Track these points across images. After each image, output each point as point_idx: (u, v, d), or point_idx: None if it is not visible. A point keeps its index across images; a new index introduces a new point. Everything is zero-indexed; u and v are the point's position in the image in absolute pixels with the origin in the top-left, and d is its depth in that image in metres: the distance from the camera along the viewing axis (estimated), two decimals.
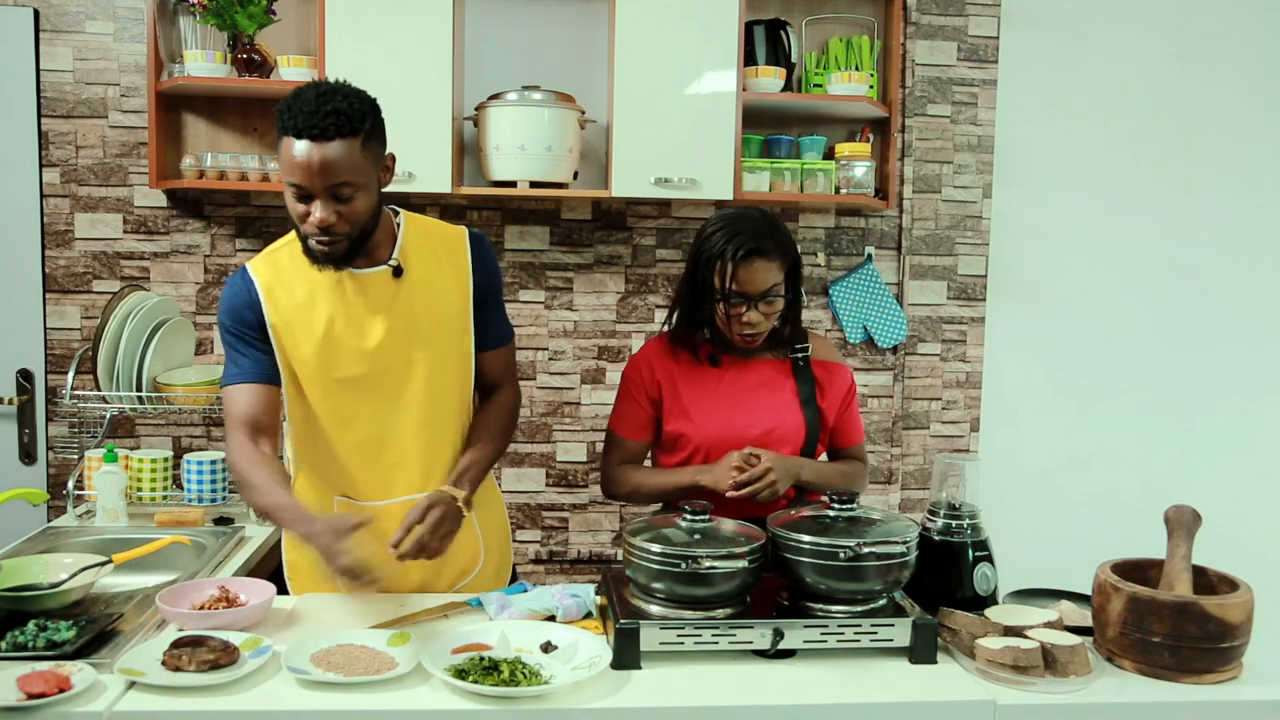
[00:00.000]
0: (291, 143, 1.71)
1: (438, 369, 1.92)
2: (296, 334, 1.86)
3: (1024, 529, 3.23)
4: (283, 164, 1.74)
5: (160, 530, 2.39)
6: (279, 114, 1.73)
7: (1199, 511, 1.72)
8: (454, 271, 1.94)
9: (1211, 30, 3.35)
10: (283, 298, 1.87)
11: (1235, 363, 3.45)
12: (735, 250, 1.96)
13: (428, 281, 1.91)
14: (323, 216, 1.74)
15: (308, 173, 1.71)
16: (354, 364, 1.87)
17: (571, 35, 3.10)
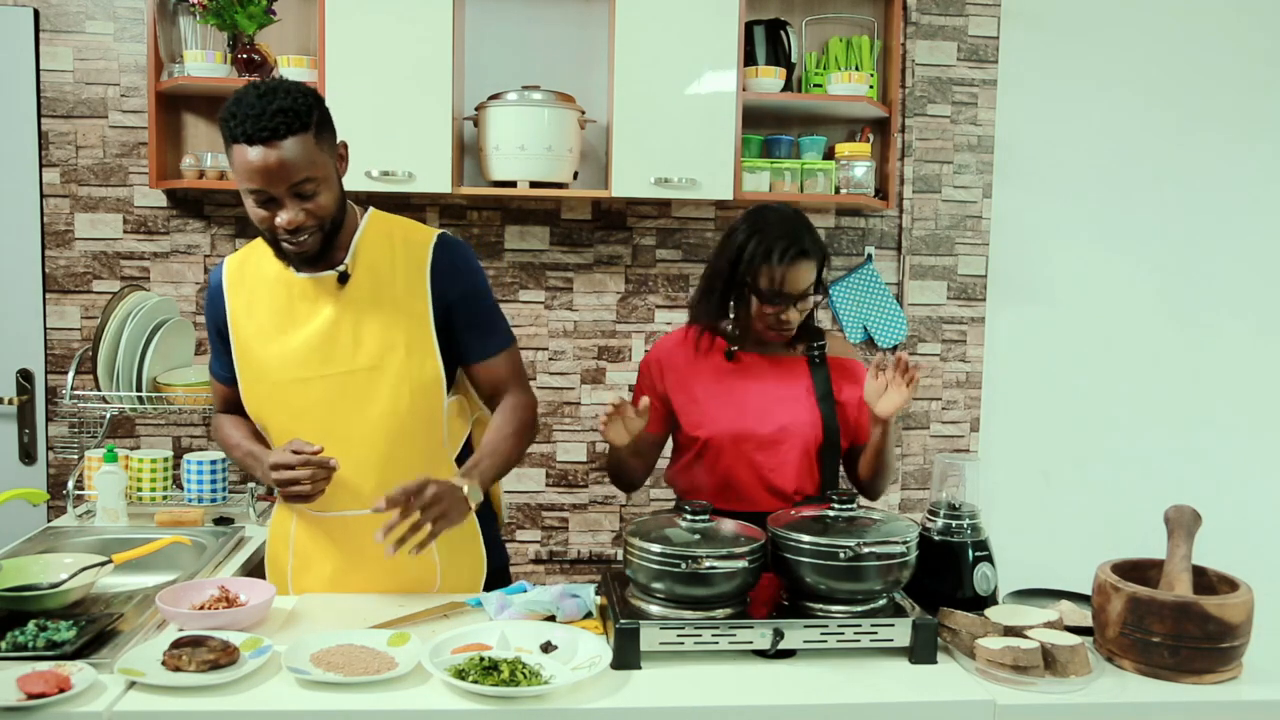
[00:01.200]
0: (244, 150, 1.68)
1: (376, 381, 1.84)
2: (243, 333, 1.90)
3: (1024, 529, 3.23)
4: (238, 172, 1.71)
5: (160, 530, 2.39)
6: (224, 122, 1.70)
7: (1199, 511, 1.72)
8: (410, 279, 1.86)
9: (1211, 30, 3.35)
10: (240, 296, 1.91)
11: (1235, 362, 3.45)
12: (782, 254, 1.99)
13: (376, 290, 1.84)
14: (290, 218, 1.72)
15: (267, 176, 1.68)
16: (294, 368, 1.85)
17: (571, 35, 3.10)
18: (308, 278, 1.85)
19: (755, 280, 2.02)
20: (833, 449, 2.12)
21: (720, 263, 2.09)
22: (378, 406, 1.85)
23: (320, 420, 1.86)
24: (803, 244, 2.01)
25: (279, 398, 1.88)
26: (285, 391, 1.87)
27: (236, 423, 2.00)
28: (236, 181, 1.74)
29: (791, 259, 1.99)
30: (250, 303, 1.90)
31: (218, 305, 1.93)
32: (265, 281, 1.88)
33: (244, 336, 1.90)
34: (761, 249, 2.00)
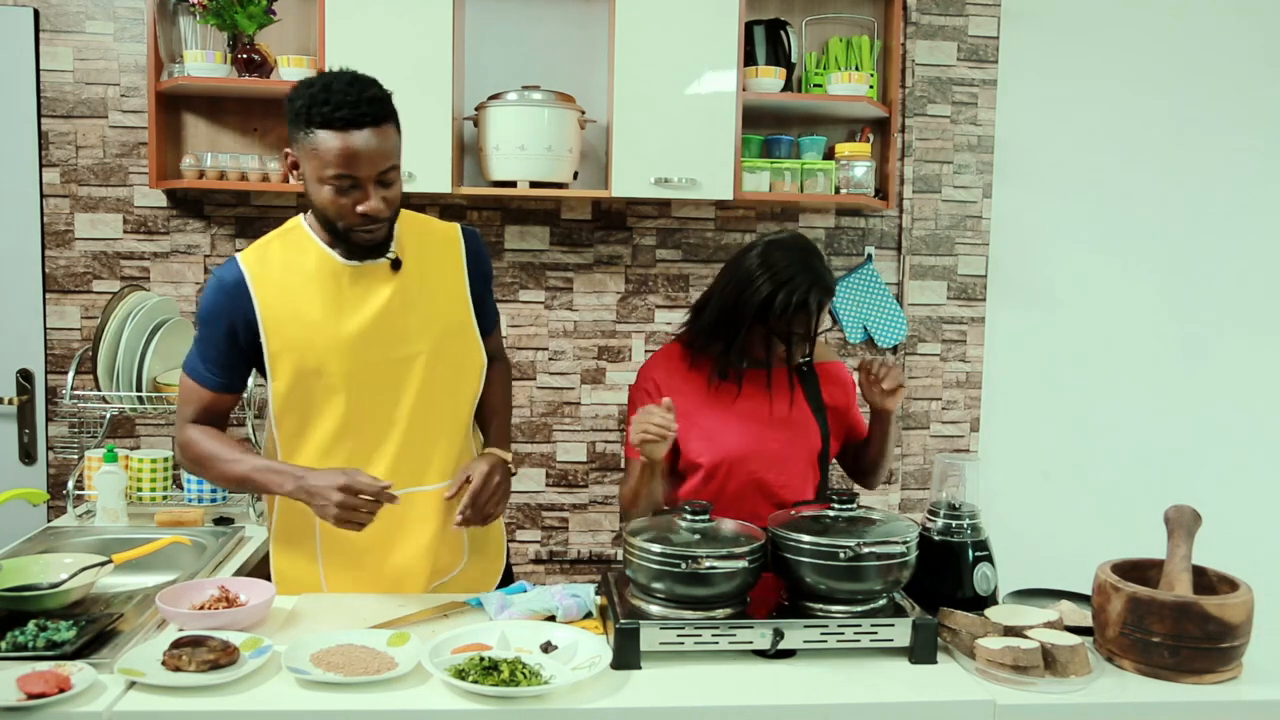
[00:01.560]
0: (333, 135, 1.69)
1: (436, 363, 1.90)
2: (285, 325, 1.83)
3: (1024, 529, 3.22)
4: (322, 158, 1.71)
5: (160, 530, 2.39)
6: (306, 109, 1.70)
7: (1199, 511, 1.72)
8: (451, 267, 1.95)
9: (1211, 30, 3.35)
10: (274, 290, 1.84)
11: (1235, 362, 3.45)
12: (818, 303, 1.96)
13: (425, 275, 1.91)
14: (373, 205, 1.74)
15: (358, 162, 1.71)
16: (348, 356, 1.85)
17: (571, 35, 3.10)
18: (356, 266, 1.84)
19: (790, 328, 1.97)
20: (827, 455, 2.14)
21: (740, 309, 1.98)
22: (426, 386, 1.90)
23: (375, 405, 1.88)
24: (829, 282, 1.98)
25: (336, 390, 1.86)
26: (342, 382, 1.85)
27: (217, 435, 1.90)
28: (313, 169, 1.73)
29: (821, 304, 1.97)
30: (290, 296, 1.84)
31: (238, 303, 1.83)
32: (305, 274, 1.84)
33: (284, 331, 1.83)
34: (796, 299, 1.93)
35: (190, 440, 1.89)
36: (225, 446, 1.87)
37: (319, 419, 1.88)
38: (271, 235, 1.91)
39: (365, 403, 1.88)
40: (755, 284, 1.96)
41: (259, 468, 1.84)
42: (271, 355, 1.84)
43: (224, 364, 1.88)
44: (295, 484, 1.78)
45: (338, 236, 1.80)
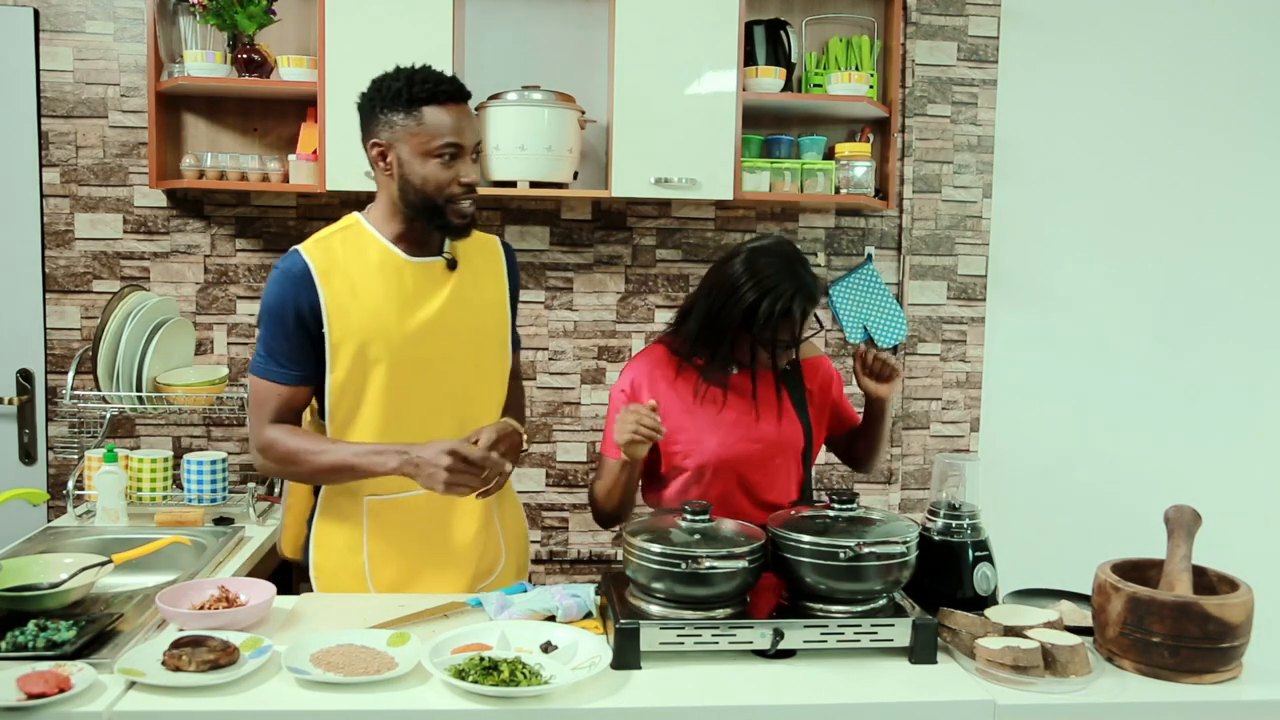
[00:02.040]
0: (440, 110, 1.83)
1: (480, 363, 2.00)
2: (349, 315, 1.88)
3: (1024, 529, 3.23)
4: (431, 131, 1.83)
5: (160, 530, 2.39)
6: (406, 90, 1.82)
7: (1199, 511, 1.72)
8: (495, 276, 2.04)
9: (1212, 30, 3.35)
10: (338, 279, 1.88)
11: (1235, 362, 3.45)
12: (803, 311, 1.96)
13: (474, 278, 1.99)
14: (476, 173, 1.88)
15: (463, 131, 1.85)
16: (408, 353, 1.90)
17: (571, 35, 3.10)
18: (418, 263, 1.92)
19: (775, 335, 1.97)
20: (810, 452, 2.15)
21: (725, 317, 1.97)
22: (470, 386, 1.98)
23: (422, 400, 1.93)
24: (813, 290, 1.96)
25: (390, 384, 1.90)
26: (398, 377, 1.91)
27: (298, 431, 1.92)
28: (416, 145, 1.84)
29: (805, 310, 1.96)
30: (356, 287, 1.88)
31: (304, 292, 1.86)
32: (368, 266, 1.90)
33: (347, 322, 1.87)
34: (780, 307, 1.92)
35: (272, 441, 1.90)
36: (311, 440, 1.90)
37: (368, 411, 1.92)
38: (330, 230, 1.96)
39: (412, 398, 1.93)
40: (740, 292, 1.95)
41: (358, 452, 1.86)
42: (333, 344, 1.88)
43: (296, 356, 1.89)
44: (400, 459, 1.81)
45: (436, 214, 1.88)
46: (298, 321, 1.87)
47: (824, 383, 2.19)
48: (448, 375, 1.95)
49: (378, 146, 1.87)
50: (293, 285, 1.86)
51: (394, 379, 1.90)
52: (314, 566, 2.02)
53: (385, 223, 1.93)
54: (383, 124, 1.86)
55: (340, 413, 1.92)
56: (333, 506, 1.99)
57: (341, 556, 1.99)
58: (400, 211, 1.90)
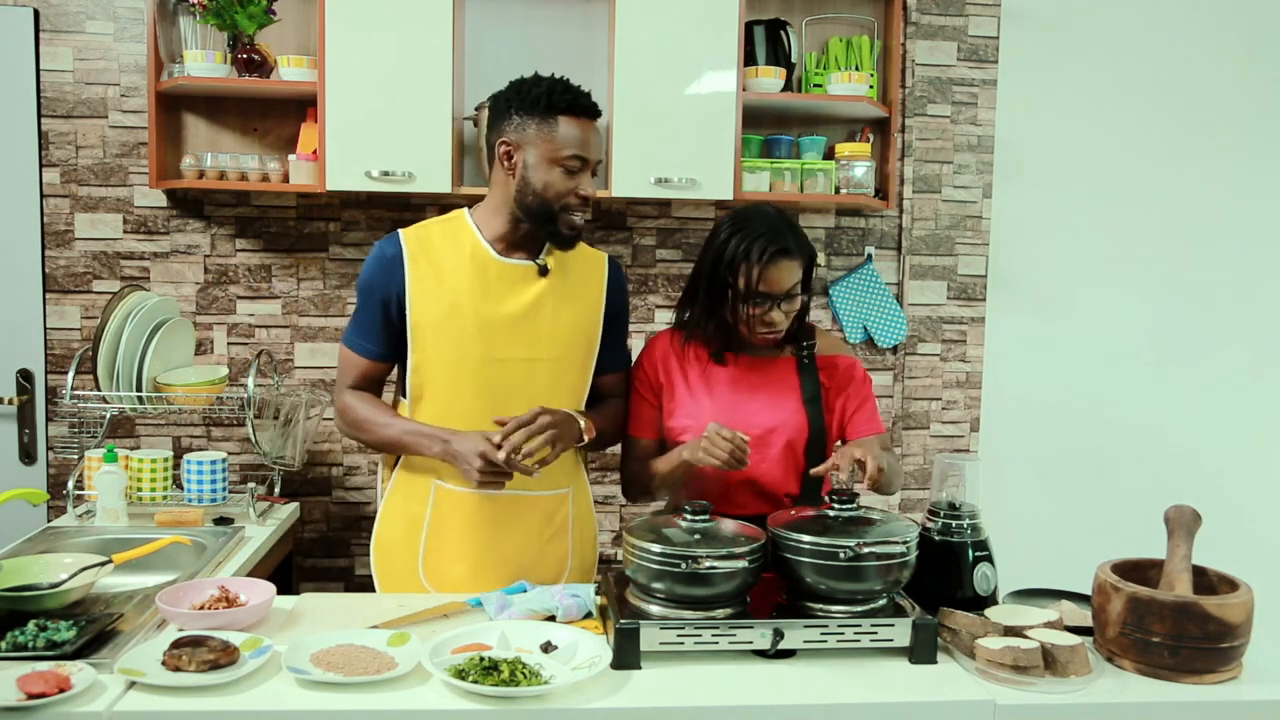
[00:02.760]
0: (575, 122, 1.90)
1: (558, 372, 2.01)
2: (430, 305, 1.94)
3: (1024, 529, 3.23)
4: (562, 140, 1.89)
5: (160, 530, 2.39)
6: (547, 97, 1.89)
7: (1199, 511, 1.72)
8: (592, 289, 2.06)
9: (1212, 30, 3.35)
10: (426, 266, 1.95)
11: (1235, 362, 3.45)
12: (761, 252, 1.95)
13: (567, 289, 2.01)
14: (593, 190, 1.94)
15: (591, 146, 1.91)
16: (479, 347, 1.94)
17: (571, 35, 3.10)
18: (507, 263, 1.97)
19: (735, 279, 1.97)
20: (818, 451, 2.09)
21: (703, 264, 2.04)
22: (547, 394, 1.98)
23: (493, 399, 1.95)
24: (784, 242, 1.96)
25: (460, 375, 1.95)
26: (468, 369, 1.94)
27: (375, 401, 2.04)
28: (545, 151, 1.90)
29: (772, 256, 1.94)
30: (440, 275, 1.95)
31: (394, 274, 1.95)
32: (459, 258, 1.95)
33: (430, 303, 1.94)
34: (742, 248, 1.96)
35: (348, 405, 2.04)
36: (379, 411, 2.01)
37: (437, 398, 1.97)
38: (435, 219, 2.03)
39: (486, 394, 1.96)
40: (717, 236, 2.02)
41: (409, 430, 1.96)
42: (413, 327, 1.95)
43: (378, 334, 1.99)
44: (442, 447, 1.91)
45: (549, 220, 1.93)
46: (383, 303, 1.97)
47: (842, 382, 2.13)
48: (522, 378, 1.97)
49: (506, 145, 1.93)
50: (384, 267, 1.96)
51: (464, 371, 1.95)
52: (376, 544, 2.09)
53: (489, 220, 1.99)
54: (515, 125, 1.92)
55: (416, 392, 1.99)
56: (404, 485, 2.05)
57: (403, 538, 2.03)
58: (509, 211, 1.96)
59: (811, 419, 2.08)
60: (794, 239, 1.99)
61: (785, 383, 2.10)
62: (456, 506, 2.00)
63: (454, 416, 1.96)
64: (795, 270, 1.98)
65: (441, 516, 2.01)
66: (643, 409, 2.15)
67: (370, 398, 2.04)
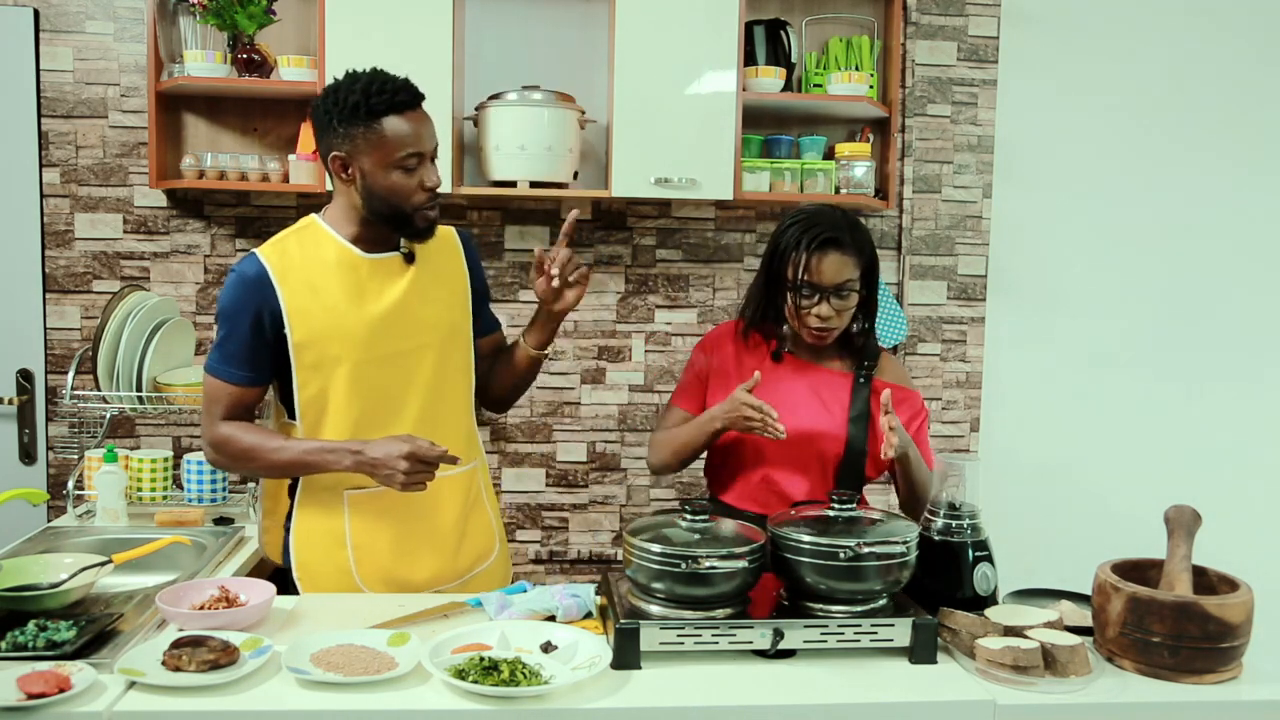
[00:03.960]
0: (399, 119, 1.83)
1: (445, 354, 2.01)
2: (310, 316, 1.90)
3: (1024, 529, 3.22)
4: (393, 141, 1.83)
5: (160, 530, 2.39)
6: (364, 103, 1.81)
7: (1199, 511, 1.72)
8: (452, 266, 2.06)
9: (1212, 29, 3.35)
10: (296, 281, 1.90)
11: (1235, 362, 3.45)
12: (810, 240, 1.95)
13: (433, 270, 2.00)
14: (437, 177, 1.89)
15: (423, 139, 1.86)
16: (365, 350, 1.92)
17: (571, 35, 3.10)
18: (374, 259, 1.94)
19: (786, 269, 1.98)
20: (854, 470, 2.05)
21: (764, 257, 2.07)
22: (437, 377, 1.98)
23: (389, 393, 1.95)
24: (838, 234, 1.95)
25: (357, 380, 1.92)
26: (363, 372, 1.92)
27: (253, 428, 1.94)
28: (379, 158, 1.84)
29: (821, 245, 1.94)
30: (314, 286, 1.90)
31: (264, 295, 1.88)
32: (328, 265, 1.92)
33: (311, 318, 1.89)
34: (793, 237, 1.98)
35: (226, 438, 1.93)
36: (266, 436, 1.93)
37: (337, 408, 1.93)
38: (286, 233, 1.98)
39: (380, 392, 1.95)
40: (779, 230, 2.03)
41: (310, 450, 1.89)
42: (296, 345, 1.90)
43: (249, 359, 1.91)
44: (354, 459, 1.86)
45: (403, 222, 1.90)
46: (255, 325, 1.89)
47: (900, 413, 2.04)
48: (411, 368, 1.96)
49: (337, 158, 1.87)
50: (251, 289, 1.89)
51: (358, 376, 1.92)
52: (297, 566, 2.01)
53: (342, 223, 1.94)
54: (341, 137, 1.84)
55: (310, 413, 1.93)
56: (312, 502, 1.98)
57: (325, 553, 1.99)
58: (360, 215, 1.92)
59: (852, 437, 2.04)
60: (850, 235, 1.97)
61: (836, 395, 2.07)
62: (375, 508, 1.97)
63: (351, 423, 1.92)
64: (847, 265, 1.97)
65: (363, 523, 1.97)
66: (693, 383, 2.16)
67: (251, 426, 1.94)
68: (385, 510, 1.97)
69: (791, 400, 2.05)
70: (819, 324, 1.99)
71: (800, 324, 2.01)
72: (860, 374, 2.08)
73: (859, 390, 2.08)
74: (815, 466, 2.06)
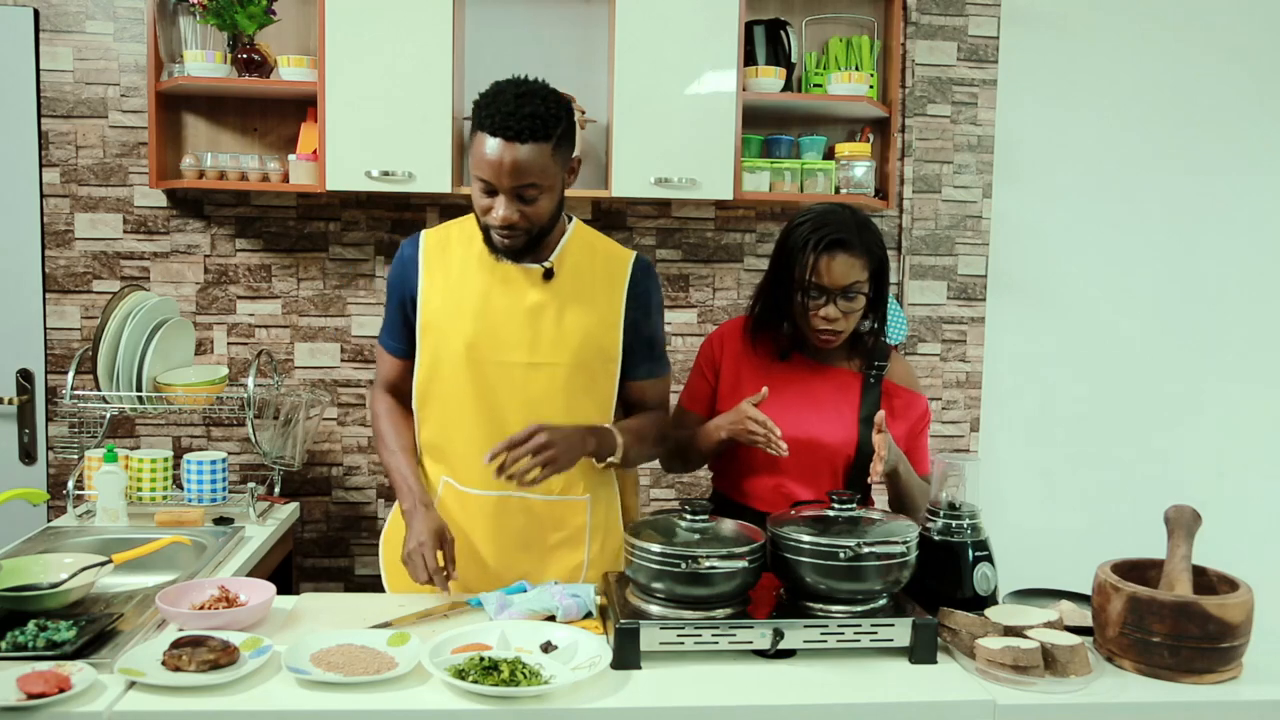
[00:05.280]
0: (485, 139, 1.77)
1: (564, 379, 1.92)
2: (439, 305, 1.93)
3: (1024, 529, 3.23)
4: (473, 157, 1.80)
5: (160, 530, 2.39)
6: (476, 109, 1.80)
7: (1199, 511, 1.72)
8: (608, 291, 1.96)
9: (1212, 30, 3.35)
10: (439, 268, 1.95)
11: (1235, 362, 3.45)
12: (818, 241, 1.93)
13: (577, 292, 1.94)
14: (505, 215, 1.80)
15: (497, 171, 1.77)
16: (480, 350, 1.91)
17: (571, 35, 3.10)
18: (513, 266, 1.92)
19: (792, 269, 1.96)
20: (865, 472, 2.04)
21: (772, 256, 2.05)
22: (558, 398, 1.93)
23: (496, 402, 1.92)
24: (846, 234, 1.93)
25: (462, 375, 1.92)
26: (470, 370, 1.91)
27: (397, 421, 2.02)
28: (470, 164, 1.82)
29: (828, 246, 1.92)
30: (450, 276, 1.94)
31: (409, 276, 1.96)
32: (470, 261, 1.93)
33: (436, 306, 1.93)
34: (801, 237, 1.95)
35: (376, 413, 2.07)
36: (392, 432, 2.02)
37: (444, 400, 1.95)
38: (463, 218, 2.00)
39: (492, 399, 1.92)
40: (788, 229, 2.02)
41: (396, 469, 1.98)
42: (421, 327, 1.94)
43: (400, 332, 2.00)
44: (407, 508, 1.92)
45: (484, 233, 1.88)
46: (401, 301, 1.98)
47: (902, 413, 2.08)
48: (519, 380, 1.92)
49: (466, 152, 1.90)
50: (400, 267, 1.98)
51: (471, 375, 1.92)
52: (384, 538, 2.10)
53: None
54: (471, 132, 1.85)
55: (421, 391, 1.98)
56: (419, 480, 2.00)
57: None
58: None
59: (863, 439, 2.03)
60: (859, 236, 1.95)
61: (845, 397, 2.06)
62: (460, 505, 1.97)
63: (454, 418, 1.94)
64: (855, 267, 1.94)
65: (446, 514, 1.97)
66: (700, 384, 2.15)
67: (393, 414, 2.03)
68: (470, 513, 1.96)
69: (801, 404, 2.04)
70: (825, 326, 1.97)
71: (806, 325, 2.00)
72: (870, 374, 2.07)
73: (869, 391, 2.06)
74: (826, 471, 2.05)
